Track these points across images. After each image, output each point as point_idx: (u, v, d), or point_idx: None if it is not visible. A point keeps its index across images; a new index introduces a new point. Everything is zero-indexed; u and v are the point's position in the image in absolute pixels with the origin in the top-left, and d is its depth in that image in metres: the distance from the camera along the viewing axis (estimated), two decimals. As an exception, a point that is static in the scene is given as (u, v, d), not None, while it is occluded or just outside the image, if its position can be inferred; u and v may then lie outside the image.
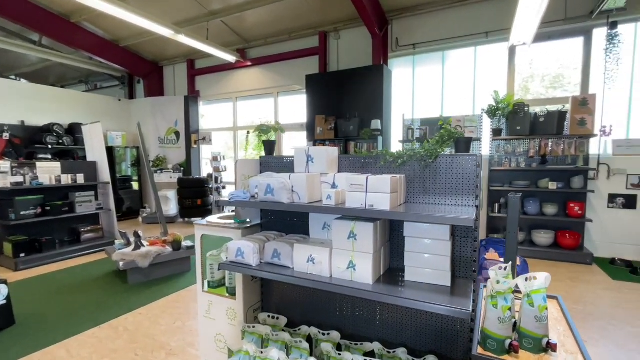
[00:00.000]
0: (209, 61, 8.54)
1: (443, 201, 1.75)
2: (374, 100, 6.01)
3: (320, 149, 1.91)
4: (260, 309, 2.38)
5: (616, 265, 4.54)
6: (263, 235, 2.10)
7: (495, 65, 5.73)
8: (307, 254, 1.78)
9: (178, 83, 9.36)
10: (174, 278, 4.30)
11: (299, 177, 1.76)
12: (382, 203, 1.53)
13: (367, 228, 1.63)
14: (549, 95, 5.58)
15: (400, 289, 1.59)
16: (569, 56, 5.32)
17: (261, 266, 1.90)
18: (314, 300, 2.18)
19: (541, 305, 1.39)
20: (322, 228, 1.95)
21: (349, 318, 2.07)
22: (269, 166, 2.31)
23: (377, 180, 1.55)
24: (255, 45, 7.87)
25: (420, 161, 1.77)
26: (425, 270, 1.64)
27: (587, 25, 5.02)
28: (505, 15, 5.37)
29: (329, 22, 6.82)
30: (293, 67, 7.48)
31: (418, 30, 6.14)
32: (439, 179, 1.76)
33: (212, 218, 2.42)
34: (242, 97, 8.54)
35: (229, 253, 1.96)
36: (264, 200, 1.81)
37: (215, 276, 2.39)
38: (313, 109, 6.61)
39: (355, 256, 1.66)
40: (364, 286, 1.61)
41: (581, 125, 4.70)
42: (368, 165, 1.95)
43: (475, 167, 1.66)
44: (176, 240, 4.52)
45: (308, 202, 1.76)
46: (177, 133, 9.09)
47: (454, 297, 1.49)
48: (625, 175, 4.82)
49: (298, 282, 1.75)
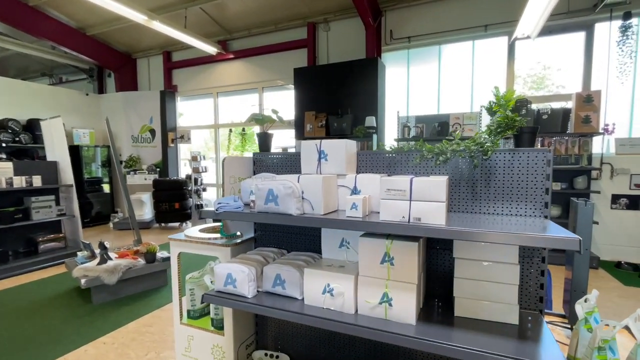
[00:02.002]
0: (187, 53, 7.92)
1: (500, 210, 1.35)
2: (367, 96, 5.62)
3: (337, 143, 1.46)
4: (255, 345, 1.91)
5: (623, 268, 4.35)
6: (259, 255, 1.64)
7: (494, 61, 5.46)
8: (322, 282, 1.33)
9: (153, 77, 8.66)
10: (148, 295, 3.74)
11: (311, 180, 1.31)
12: (434, 215, 1.11)
13: (409, 249, 1.20)
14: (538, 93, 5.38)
15: (453, 331, 1.17)
16: (569, 52, 5.12)
17: (259, 298, 1.44)
18: (324, 331, 1.74)
19: (659, 357, 1.00)
20: (340, 246, 1.50)
21: (369, 353, 1.64)
22: (265, 165, 1.85)
23: (426, 184, 1.12)
24: (237, 36, 7.32)
25: (471, 158, 1.36)
26: (484, 303, 1.23)
27: (589, 20, 4.82)
28: (507, 8, 5.11)
29: (317, 12, 6.39)
30: (279, 61, 7.00)
31: (413, 23, 5.80)
32: (494, 181, 1.35)
33: (192, 231, 1.93)
34: (223, 93, 7.97)
35: (217, 280, 1.48)
36: (264, 212, 1.35)
37: (197, 304, 1.90)
38: (302, 105, 6.15)
39: (392, 287, 1.23)
40: (405, 328, 1.19)
41: (585, 123, 4.48)
42: (397, 163, 1.52)
43: (545, 164, 1.27)
44: (150, 251, 3.95)
45: (324, 213, 1.31)
46: (153, 131, 8.40)
47: (534, 345, 1.08)
48: (628, 175, 4.65)
49: (310, 321, 1.30)
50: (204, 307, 1.93)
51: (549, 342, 1.09)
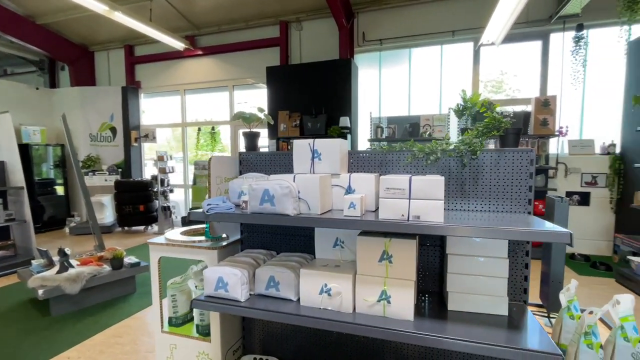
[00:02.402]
0: (152, 48, 7.54)
1: (488, 207, 1.41)
2: (341, 97, 5.67)
3: (331, 142, 1.46)
4: (242, 350, 1.85)
5: (576, 260, 4.73)
6: (248, 257, 1.59)
7: (461, 65, 5.73)
8: (320, 282, 1.32)
9: (114, 72, 8.15)
10: (115, 304, 3.51)
11: (308, 180, 1.30)
12: (433, 213, 1.13)
13: (407, 247, 1.22)
14: (496, 96, 5.74)
15: (447, 325, 1.21)
16: (528, 59, 5.49)
17: (252, 301, 1.40)
18: (314, 331, 1.72)
19: (635, 338, 1.10)
20: (334, 245, 1.50)
21: (359, 351, 1.65)
22: (251, 165, 1.80)
23: (425, 183, 1.15)
24: (206, 32, 7.09)
25: (460, 157, 1.41)
26: (476, 296, 1.28)
27: (545, 30, 5.20)
28: (473, 15, 5.37)
29: (290, 11, 6.34)
30: (251, 59, 6.86)
31: (385, 25, 5.93)
32: (482, 179, 1.41)
33: (172, 234, 1.84)
34: (191, 90, 7.68)
35: (206, 284, 1.42)
36: (259, 212, 1.31)
37: (179, 310, 1.81)
38: (275, 104, 6.08)
39: (390, 284, 1.24)
40: (403, 324, 1.20)
41: (543, 126, 4.82)
42: (388, 163, 1.54)
43: (528, 164, 1.35)
44: (116, 256, 3.71)
45: (321, 212, 1.30)
46: (114, 129, 7.91)
47: (525, 334, 1.14)
48: (580, 174, 5.06)
49: (307, 322, 1.29)
50: (186, 313, 1.84)
51: (538, 331, 1.16)
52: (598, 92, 5.09)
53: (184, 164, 7.95)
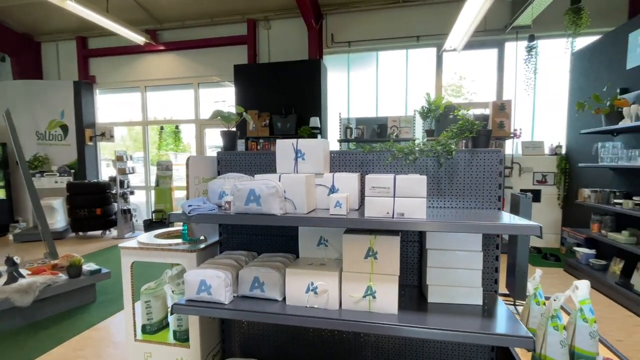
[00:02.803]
0: (108, 41, 7.09)
1: (462, 204, 1.50)
2: (311, 97, 5.70)
3: (314, 142, 1.47)
4: (221, 354, 1.81)
5: (530, 253, 5.13)
6: (230, 258, 1.56)
7: (425, 69, 5.98)
8: (306, 281, 1.33)
9: (64, 65, 7.56)
10: (73, 315, 3.26)
11: (294, 179, 1.30)
12: (416, 211, 1.19)
13: (391, 243, 1.27)
14: (455, 100, 6.10)
15: (428, 316, 1.28)
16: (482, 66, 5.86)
17: (236, 303, 1.38)
18: (292, 329, 1.73)
19: (591, 318, 1.22)
20: (318, 244, 1.51)
21: (338, 346, 1.68)
22: (230, 165, 1.77)
23: (409, 182, 1.20)
24: (169, 26, 6.80)
25: (437, 158, 1.49)
26: (454, 288, 1.36)
27: (501, 39, 5.58)
28: (435, 22, 5.63)
29: (258, 9, 6.26)
30: (217, 56, 6.68)
31: (352, 28, 6.05)
32: (456, 178, 1.50)
33: (145, 238, 1.75)
34: (153, 87, 7.32)
35: (187, 288, 1.37)
36: (244, 213, 1.29)
37: (154, 317, 1.73)
38: (243, 103, 5.96)
39: (376, 280, 1.28)
40: (388, 318, 1.25)
41: (500, 128, 5.16)
42: (369, 162, 1.59)
43: (498, 163, 1.45)
44: (74, 264, 3.45)
45: (307, 212, 1.31)
46: (65, 127, 7.32)
47: (500, 321, 1.23)
48: (531, 173, 5.49)
49: (294, 321, 1.29)
50: (161, 319, 1.76)
51: (511, 317, 1.25)
52: (547, 97, 5.55)
53: (145, 164, 7.56)
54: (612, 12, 5.13)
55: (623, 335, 2.80)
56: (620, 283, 3.41)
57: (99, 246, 5.85)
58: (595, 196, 4.04)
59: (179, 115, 7.42)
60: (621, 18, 4.99)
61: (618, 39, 4.11)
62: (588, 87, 4.59)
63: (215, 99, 7.09)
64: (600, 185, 4.36)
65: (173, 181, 6.83)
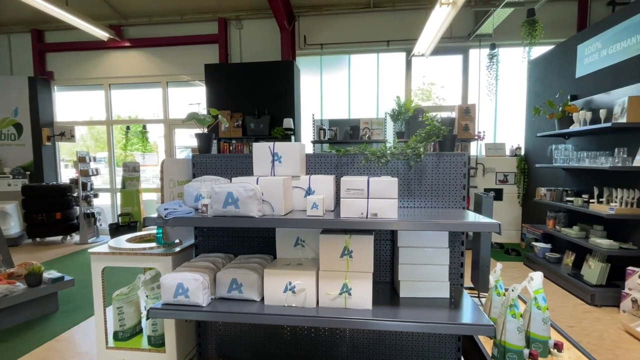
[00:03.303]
0: (68, 35, 6.72)
1: (430, 204, 1.59)
2: (284, 98, 5.71)
3: (291, 145, 1.51)
4: (197, 356, 1.80)
5: (493, 248, 5.44)
6: (207, 261, 1.56)
7: (396, 73, 6.18)
8: (284, 281, 1.36)
9: (17, 59, 7.07)
10: (34, 326, 3.08)
11: (272, 182, 1.33)
12: (389, 211, 1.26)
13: (365, 242, 1.33)
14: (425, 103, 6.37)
15: (400, 310, 1.35)
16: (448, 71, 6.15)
17: (214, 305, 1.39)
18: (267, 329, 1.75)
19: (544, 306, 1.35)
20: (295, 245, 1.55)
21: (314, 344, 1.73)
22: (205, 167, 1.76)
23: (381, 184, 1.27)
24: (135, 22, 6.54)
25: (407, 160, 1.57)
26: (423, 283, 1.45)
27: (465, 46, 5.87)
28: (405, 28, 5.83)
29: (229, 8, 6.18)
30: (187, 55, 6.52)
31: (324, 31, 6.13)
32: (425, 179, 1.59)
33: (117, 242, 1.71)
34: (118, 85, 7.01)
35: (164, 292, 1.36)
36: (223, 215, 1.31)
37: (127, 323, 1.69)
38: (215, 104, 5.87)
39: (351, 277, 1.34)
40: (363, 313, 1.31)
41: (465, 130, 5.44)
42: (344, 165, 1.65)
43: (462, 165, 1.56)
44: (33, 271, 3.25)
45: (284, 213, 1.35)
46: (18, 125, 6.85)
47: (465, 311, 1.33)
48: (494, 173, 5.82)
49: (272, 320, 1.32)
50: (134, 325, 1.72)
51: (475, 308, 1.36)
52: (508, 101, 5.92)
53: (110, 165, 7.22)
54: (564, 24, 5.56)
55: (574, 322, 3.06)
56: (572, 274, 3.71)
57: (60, 252, 5.53)
58: (550, 194, 4.37)
59: (146, 114, 7.16)
60: (572, 30, 5.43)
61: (569, 50, 4.47)
62: (544, 93, 4.94)
63: (189, 101, 6.91)
64: (555, 184, 4.71)
65: (141, 183, 6.59)
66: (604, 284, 3.39)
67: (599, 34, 3.94)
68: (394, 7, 5.85)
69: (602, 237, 3.55)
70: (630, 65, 3.51)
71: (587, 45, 4.15)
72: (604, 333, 2.84)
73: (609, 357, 2.50)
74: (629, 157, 3.31)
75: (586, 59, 4.17)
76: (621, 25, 3.65)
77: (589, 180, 3.99)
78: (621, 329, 2.89)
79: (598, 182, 3.79)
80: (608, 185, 3.51)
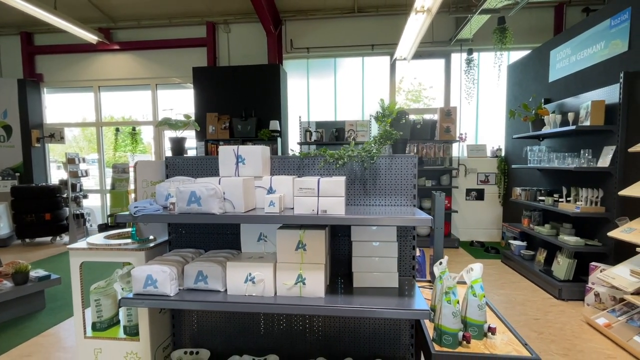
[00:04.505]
0: (58, 38, 6.79)
1: (384, 202, 1.73)
2: (271, 100, 5.84)
3: (254, 149, 1.64)
4: (172, 346, 1.92)
5: (474, 246, 5.61)
6: (177, 255, 1.69)
7: (380, 76, 6.34)
8: (244, 272, 1.49)
9: (7, 61, 7.13)
10: (20, 323, 3.17)
11: (232, 182, 1.46)
12: (337, 208, 1.40)
13: (318, 236, 1.47)
14: (415, 105, 6.53)
15: (353, 297, 1.49)
16: (432, 74, 6.32)
17: (182, 295, 1.51)
18: (241, 322, 1.88)
19: (481, 294, 1.50)
20: (258, 240, 1.68)
21: (285, 336, 1.86)
22: (178, 169, 1.89)
23: (330, 183, 1.40)
24: (124, 26, 6.65)
25: (361, 162, 1.71)
26: (374, 274, 1.59)
27: (447, 50, 6.05)
28: (388, 32, 5.99)
29: (217, 12, 6.31)
30: (176, 57, 6.64)
31: (311, 35, 6.27)
32: (379, 179, 1.73)
33: (95, 239, 1.83)
34: (107, 87, 7.10)
35: (135, 283, 1.49)
36: (187, 212, 1.44)
37: (104, 315, 1.81)
38: (203, 106, 5.98)
39: (305, 269, 1.47)
40: (316, 301, 1.45)
41: (447, 132, 5.61)
42: (305, 166, 1.78)
43: (412, 166, 1.70)
44: (20, 270, 3.35)
45: (245, 211, 1.48)
46: (8, 127, 6.91)
47: (409, 299, 1.47)
48: (476, 174, 6.00)
49: (234, 307, 1.45)
50: (112, 317, 1.84)
51: (419, 297, 1.50)
52: (489, 104, 6.10)
53: (99, 166, 7.30)
54: (542, 30, 5.76)
55: (540, 315, 3.22)
56: (543, 270, 3.88)
57: (49, 252, 5.60)
58: (524, 194, 4.54)
59: (137, 116, 7.25)
60: (550, 35, 5.62)
61: (543, 55, 4.65)
62: (521, 96, 5.12)
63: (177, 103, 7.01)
64: (531, 184, 4.88)
65: (130, 184, 6.67)
66: (571, 279, 3.55)
67: (569, 40, 4.12)
68: (377, 12, 6.01)
69: (570, 235, 3.72)
70: (595, 72, 3.70)
71: (558, 51, 4.33)
72: (566, 325, 3.00)
73: (566, 346, 2.66)
74: (594, 158, 3.48)
75: (558, 64, 4.35)
76: (587, 33, 3.83)
77: (559, 181, 4.17)
78: (583, 320, 3.05)
79: (566, 182, 3.96)
80: (575, 185, 3.68)
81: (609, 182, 3.27)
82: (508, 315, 3.17)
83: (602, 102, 3.34)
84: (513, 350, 1.37)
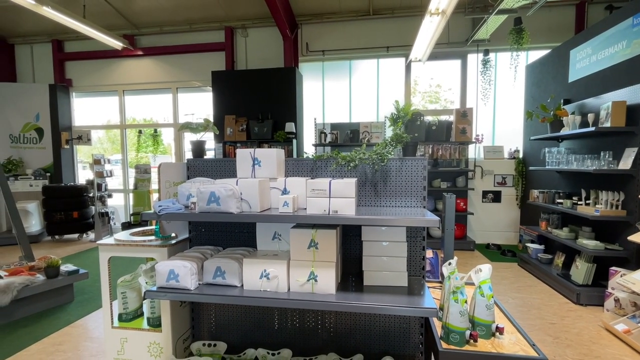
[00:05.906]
0: (85, 45, 7.14)
1: (394, 203, 1.78)
2: (286, 103, 5.95)
3: (269, 151, 1.73)
4: (191, 338, 2.03)
5: (491, 249, 5.53)
6: (197, 252, 1.79)
7: (395, 77, 6.34)
8: (259, 269, 1.58)
9: (39, 68, 7.54)
10: (51, 314, 3.38)
11: (249, 183, 1.55)
12: (347, 208, 1.46)
13: (329, 235, 1.54)
14: (432, 106, 6.49)
15: (363, 295, 1.55)
16: (449, 75, 6.28)
17: (201, 289, 1.61)
18: (256, 317, 1.97)
19: (489, 294, 1.53)
20: (272, 238, 1.77)
21: (298, 331, 1.93)
22: (198, 170, 2.00)
23: (341, 185, 1.47)
24: (147, 32, 6.92)
25: (373, 164, 1.77)
26: (384, 273, 1.64)
27: (463, 51, 6.00)
28: (403, 34, 6.00)
29: (235, 17, 6.48)
30: (195, 62, 6.85)
31: (326, 38, 6.35)
32: (389, 181, 1.78)
33: (122, 235, 1.96)
34: (131, 91, 7.40)
35: (158, 277, 1.60)
36: (207, 211, 1.53)
37: (130, 307, 1.94)
38: (221, 108, 6.16)
39: (317, 266, 1.54)
40: (327, 297, 1.51)
41: (462, 134, 5.56)
42: (318, 168, 1.85)
43: (422, 169, 1.74)
44: (51, 265, 3.57)
45: (260, 210, 1.56)
46: (40, 130, 7.30)
47: (417, 297, 1.52)
48: (493, 175, 5.91)
49: (249, 302, 1.54)
50: (136, 309, 1.97)
51: (427, 295, 1.54)
52: (507, 105, 6.00)
53: (123, 167, 7.60)
54: (562, 29, 5.63)
55: (557, 319, 3.17)
56: (561, 274, 3.81)
57: (77, 249, 5.90)
58: (542, 196, 4.46)
59: (158, 118, 7.52)
60: (570, 35, 5.49)
61: (562, 54, 4.56)
62: (539, 97, 5.03)
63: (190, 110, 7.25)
64: (549, 186, 4.79)
65: (151, 184, 6.93)
66: (589, 283, 3.48)
67: (590, 39, 4.04)
68: (392, 14, 6.03)
69: (590, 239, 3.63)
70: (617, 72, 3.61)
71: (578, 51, 4.24)
72: (584, 330, 2.95)
73: (583, 352, 2.62)
74: (614, 161, 3.40)
75: (578, 64, 4.26)
76: (609, 32, 3.74)
77: (578, 183, 4.08)
78: (601, 326, 2.99)
79: (586, 184, 3.88)
80: (595, 188, 3.60)
81: (631, 184, 3.19)
82: (523, 318, 3.14)
83: (624, 103, 3.26)
84: (520, 350, 1.40)
